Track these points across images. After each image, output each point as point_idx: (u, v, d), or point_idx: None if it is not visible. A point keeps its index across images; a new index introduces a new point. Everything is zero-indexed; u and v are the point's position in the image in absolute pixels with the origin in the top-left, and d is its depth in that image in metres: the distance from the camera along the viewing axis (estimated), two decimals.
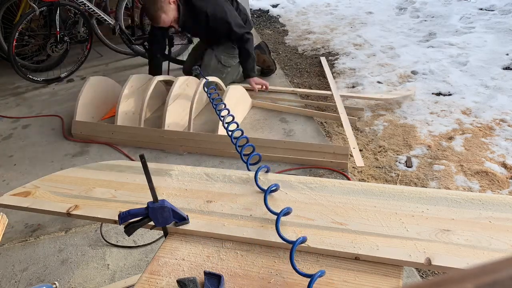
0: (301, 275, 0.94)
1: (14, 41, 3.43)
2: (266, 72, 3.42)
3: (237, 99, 2.77)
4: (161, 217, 1.11)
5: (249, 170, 1.36)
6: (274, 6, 5.26)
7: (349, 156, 2.28)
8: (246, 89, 2.98)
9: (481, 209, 1.09)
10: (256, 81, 3.05)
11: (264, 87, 3.06)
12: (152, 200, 1.10)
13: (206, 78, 2.74)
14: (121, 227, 1.14)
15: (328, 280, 0.97)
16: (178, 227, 1.16)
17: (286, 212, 1.11)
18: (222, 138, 2.46)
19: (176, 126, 2.70)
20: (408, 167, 2.28)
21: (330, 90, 3.05)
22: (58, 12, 3.58)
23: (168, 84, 3.01)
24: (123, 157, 2.63)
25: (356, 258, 1.01)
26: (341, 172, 2.23)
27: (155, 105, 3.07)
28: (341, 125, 2.67)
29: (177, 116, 2.73)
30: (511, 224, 1.03)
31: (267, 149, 2.35)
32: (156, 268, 1.06)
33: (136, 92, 2.89)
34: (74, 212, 1.31)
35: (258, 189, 1.26)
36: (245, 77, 3.09)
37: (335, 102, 2.83)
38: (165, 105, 2.63)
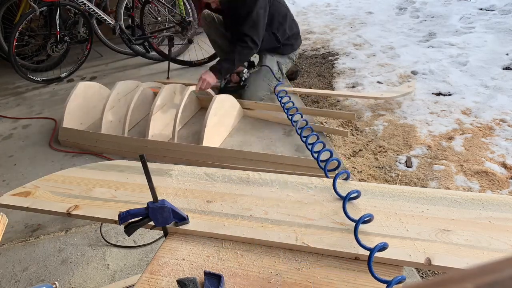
0: (379, 281, 0.90)
1: (14, 41, 3.43)
2: (289, 75, 3.39)
3: (226, 109, 2.69)
4: (161, 217, 1.11)
5: (327, 177, 1.28)
6: None
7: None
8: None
9: (481, 209, 1.09)
10: (206, 76, 2.75)
11: (202, 85, 2.75)
12: (152, 200, 1.10)
13: (280, 81, 2.81)
14: (121, 227, 1.14)
15: (328, 280, 0.97)
16: (178, 227, 1.16)
17: (367, 219, 1.03)
18: (206, 150, 2.39)
19: (162, 136, 2.62)
20: (408, 167, 2.28)
21: (329, 89, 3.04)
22: (58, 12, 3.59)
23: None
24: None
25: (356, 258, 1.01)
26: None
27: (144, 113, 2.98)
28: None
29: (163, 125, 2.66)
30: (511, 224, 1.03)
31: (253, 163, 2.27)
32: (156, 268, 1.06)
33: (122, 100, 2.82)
34: (74, 212, 1.32)
35: (259, 189, 1.26)
36: (210, 67, 2.83)
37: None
38: (149, 114, 2.57)
